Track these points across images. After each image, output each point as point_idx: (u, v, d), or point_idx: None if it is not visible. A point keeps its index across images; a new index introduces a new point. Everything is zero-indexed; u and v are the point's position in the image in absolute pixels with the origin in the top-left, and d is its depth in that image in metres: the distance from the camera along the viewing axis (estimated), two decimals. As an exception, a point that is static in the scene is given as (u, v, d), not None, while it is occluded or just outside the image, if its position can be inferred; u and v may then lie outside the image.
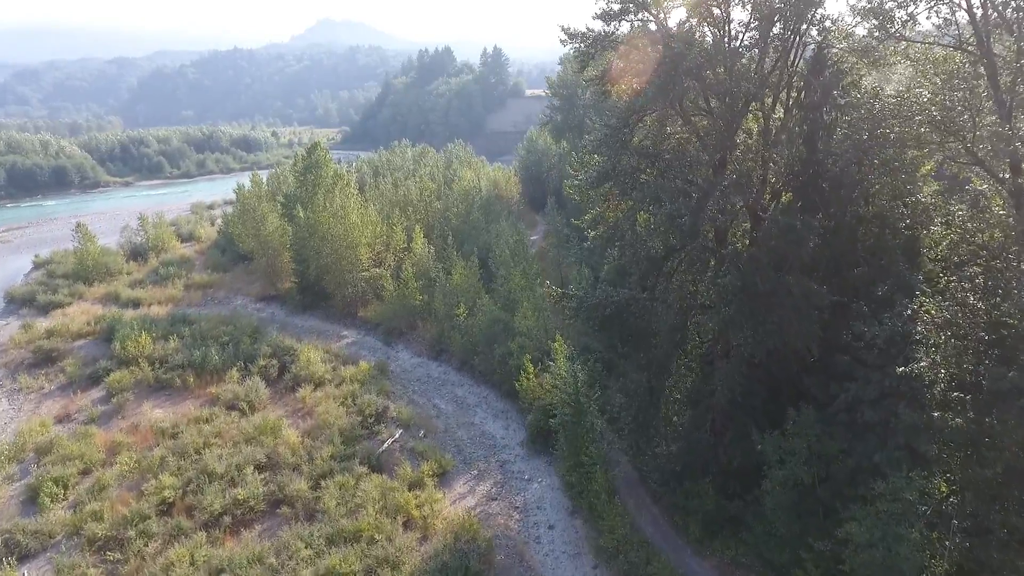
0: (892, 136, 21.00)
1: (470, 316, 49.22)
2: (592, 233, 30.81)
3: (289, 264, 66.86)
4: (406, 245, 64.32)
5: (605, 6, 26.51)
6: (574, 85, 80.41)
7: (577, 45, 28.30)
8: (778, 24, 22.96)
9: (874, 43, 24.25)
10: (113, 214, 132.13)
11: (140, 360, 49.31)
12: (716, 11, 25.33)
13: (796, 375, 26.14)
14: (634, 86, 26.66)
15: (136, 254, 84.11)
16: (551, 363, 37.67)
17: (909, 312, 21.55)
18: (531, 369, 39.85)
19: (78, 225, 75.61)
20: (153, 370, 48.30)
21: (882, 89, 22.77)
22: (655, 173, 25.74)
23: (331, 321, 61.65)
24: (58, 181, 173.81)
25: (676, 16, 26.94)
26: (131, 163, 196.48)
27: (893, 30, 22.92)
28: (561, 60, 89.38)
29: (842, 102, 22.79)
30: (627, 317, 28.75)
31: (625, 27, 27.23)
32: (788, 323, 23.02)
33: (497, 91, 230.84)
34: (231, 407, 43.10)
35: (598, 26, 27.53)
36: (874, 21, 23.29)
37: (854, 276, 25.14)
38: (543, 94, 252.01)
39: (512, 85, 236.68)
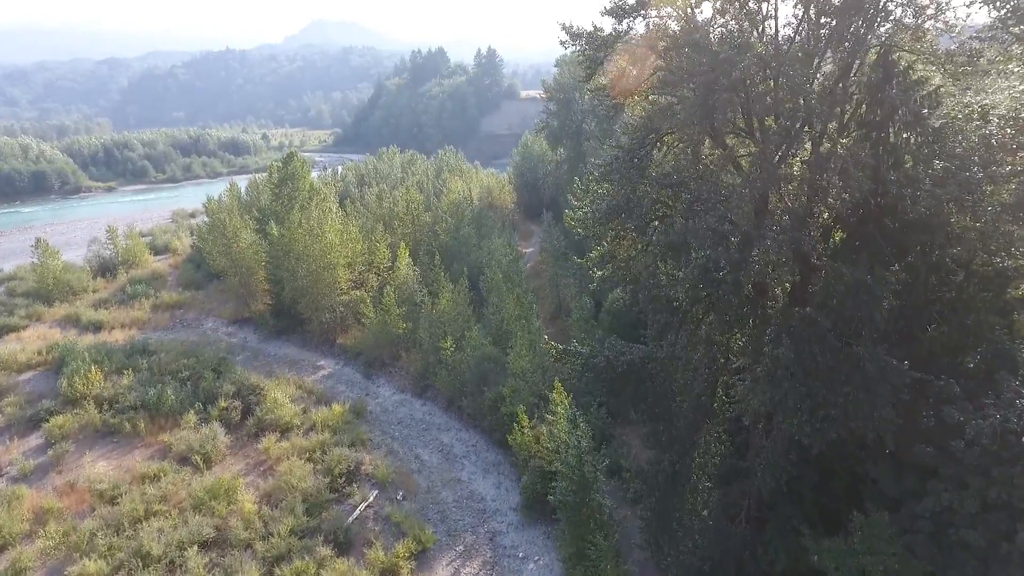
0: (1007, 171, 15.88)
1: (458, 350, 43.88)
2: (599, 273, 25.51)
3: (263, 284, 61.59)
4: (390, 264, 59.05)
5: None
6: (571, 88, 75.18)
7: (582, 47, 23.09)
8: (854, 21, 17.69)
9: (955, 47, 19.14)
10: (91, 222, 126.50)
11: (88, 400, 43.83)
12: (756, 4, 20.10)
13: (857, 458, 20.92)
14: (656, 99, 21.52)
15: (104, 270, 78.52)
16: (548, 414, 32.52)
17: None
18: (525, 421, 34.52)
19: (38, 241, 69.97)
20: (101, 412, 42.80)
21: (988, 107, 17.47)
22: (680, 209, 20.49)
23: (307, 348, 56.35)
24: (38, 187, 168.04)
25: (704, 11, 21.74)
26: (115, 167, 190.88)
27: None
28: (557, 62, 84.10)
29: (936, 123, 17.47)
30: (642, 378, 23.55)
31: (641, 26, 22.04)
32: (857, 407, 17.78)
33: (491, 93, 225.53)
34: (183, 460, 37.69)
35: (608, 24, 22.38)
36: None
37: (931, 340, 19.92)
38: (538, 96, 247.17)
39: (507, 87, 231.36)
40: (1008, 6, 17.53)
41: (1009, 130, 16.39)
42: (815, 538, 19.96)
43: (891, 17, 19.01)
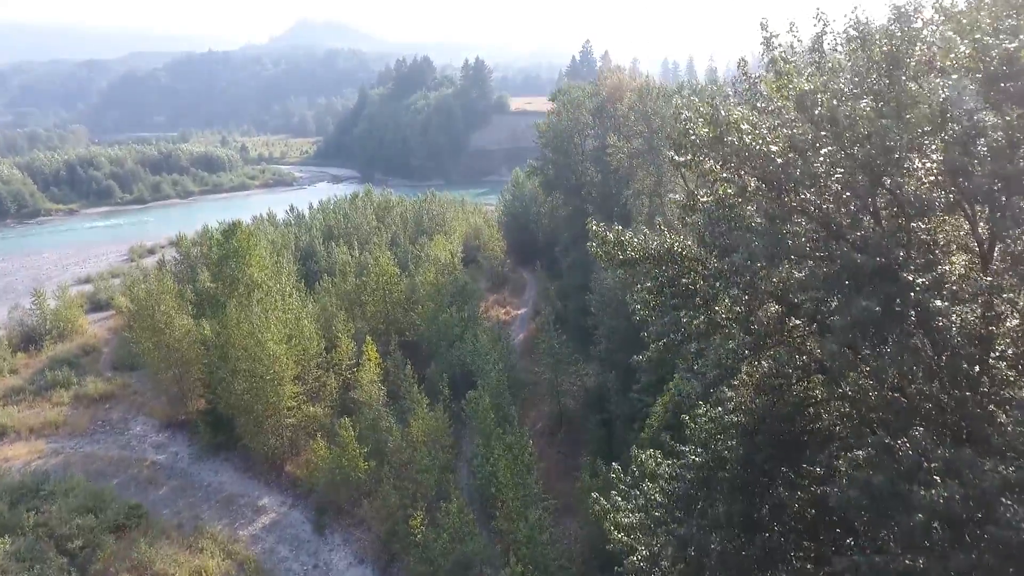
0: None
1: (431, 525, 33.21)
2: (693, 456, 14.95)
3: (200, 380, 50.98)
4: (354, 360, 48.49)
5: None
6: (568, 134, 64.68)
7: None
8: None
9: None
10: (39, 261, 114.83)
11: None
12: None
13: None
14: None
15: (28, 341, 67.43)
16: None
17: None
18: None
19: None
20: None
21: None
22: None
23: (250, 474, 45.56)
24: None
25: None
26: (79, 187, 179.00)
27: None
28: (553, 95, 73.36)
29: None
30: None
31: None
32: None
33: (479, 106, 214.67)
34: None
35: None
36: None
37: None
38: (527, 106, 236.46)
39: (496, 99, 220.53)
40: None
41: None
42: None
43: None
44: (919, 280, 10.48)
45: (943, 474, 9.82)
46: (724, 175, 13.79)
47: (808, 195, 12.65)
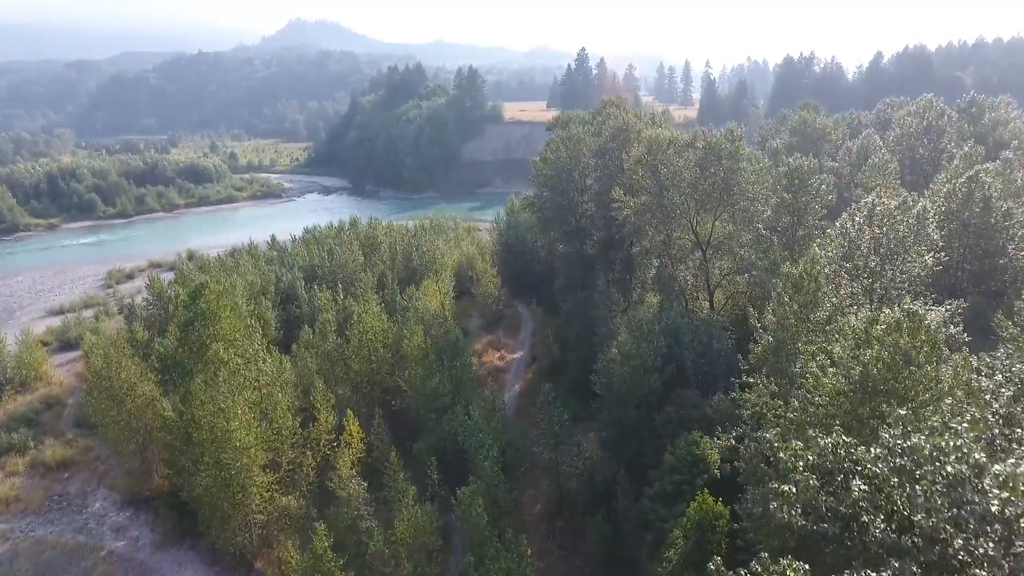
0: None
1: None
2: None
3: (164, 456, 46.41)
4: (334, 436, 44.01)
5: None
6: (568, 171, 60.13)
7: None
8: None
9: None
10: (8, 288, 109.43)
11: None
12: None
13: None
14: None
15: (-13, 391, 62.71)
16: None
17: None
18: None
19: None
20: None
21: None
22: None
23: (217, 569, 41.04)
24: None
25: None
26: (60, 200, 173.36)
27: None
28: (550, 126, 68.81)
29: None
30: None
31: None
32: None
33: (473, 116, 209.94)
34: None
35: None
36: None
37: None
38: (522, 114, 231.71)
39: (490, 109, 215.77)
40: None
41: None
42: None
43: None
44: None
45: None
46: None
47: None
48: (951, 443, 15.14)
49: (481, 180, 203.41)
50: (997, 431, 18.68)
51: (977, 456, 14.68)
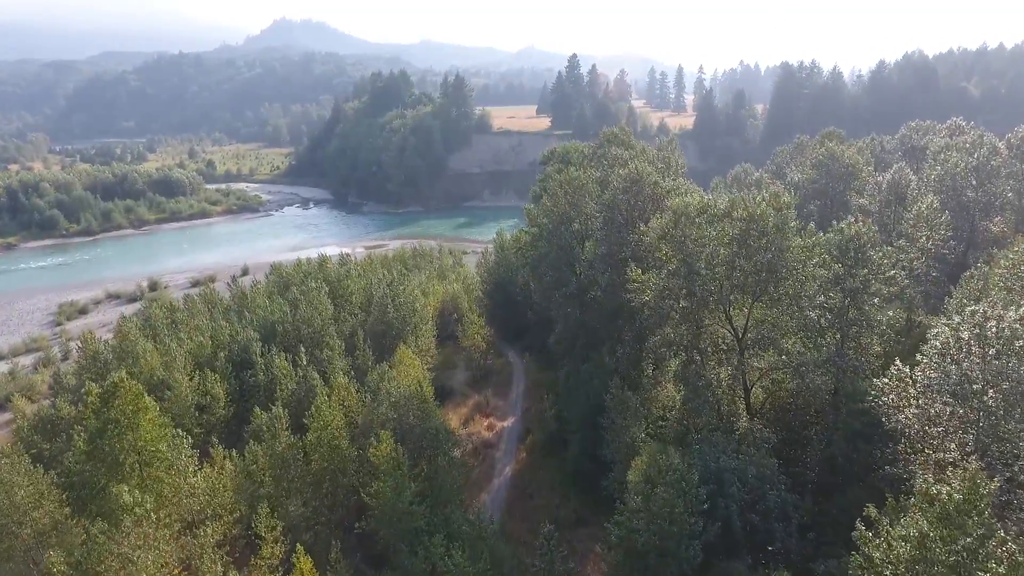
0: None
1: None
2: None
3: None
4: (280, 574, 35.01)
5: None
6: (567, 220, 51.37)
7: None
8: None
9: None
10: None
11: None
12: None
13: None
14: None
15: None
16: None
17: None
18: None
19: None
20: None
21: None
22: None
23: None
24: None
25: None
26: (21, 216, 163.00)
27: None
28: (544, 159, 59.85)
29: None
30: None
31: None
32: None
33: (460, 126, 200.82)
34: None
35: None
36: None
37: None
38: (510, 122, 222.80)
39: (477, 118, 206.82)
40: None
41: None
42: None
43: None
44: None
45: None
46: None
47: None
48: None
49: (468, 193, 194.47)
50: None
51: None
